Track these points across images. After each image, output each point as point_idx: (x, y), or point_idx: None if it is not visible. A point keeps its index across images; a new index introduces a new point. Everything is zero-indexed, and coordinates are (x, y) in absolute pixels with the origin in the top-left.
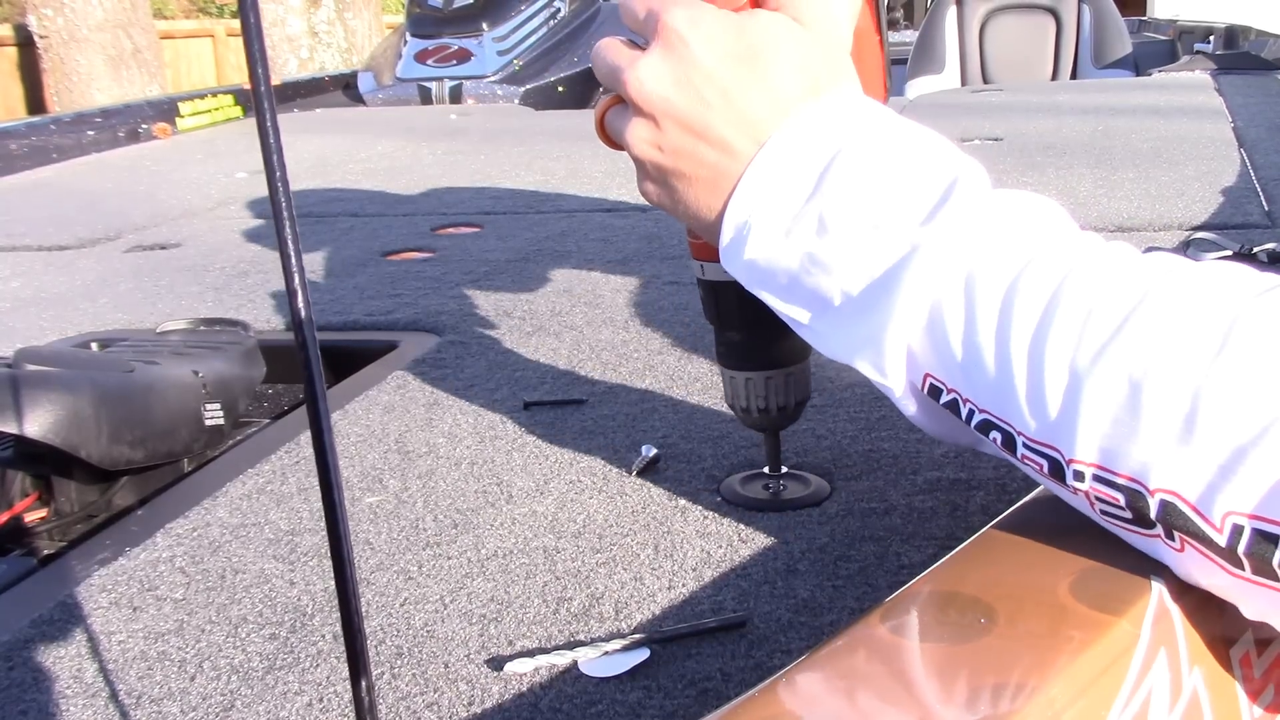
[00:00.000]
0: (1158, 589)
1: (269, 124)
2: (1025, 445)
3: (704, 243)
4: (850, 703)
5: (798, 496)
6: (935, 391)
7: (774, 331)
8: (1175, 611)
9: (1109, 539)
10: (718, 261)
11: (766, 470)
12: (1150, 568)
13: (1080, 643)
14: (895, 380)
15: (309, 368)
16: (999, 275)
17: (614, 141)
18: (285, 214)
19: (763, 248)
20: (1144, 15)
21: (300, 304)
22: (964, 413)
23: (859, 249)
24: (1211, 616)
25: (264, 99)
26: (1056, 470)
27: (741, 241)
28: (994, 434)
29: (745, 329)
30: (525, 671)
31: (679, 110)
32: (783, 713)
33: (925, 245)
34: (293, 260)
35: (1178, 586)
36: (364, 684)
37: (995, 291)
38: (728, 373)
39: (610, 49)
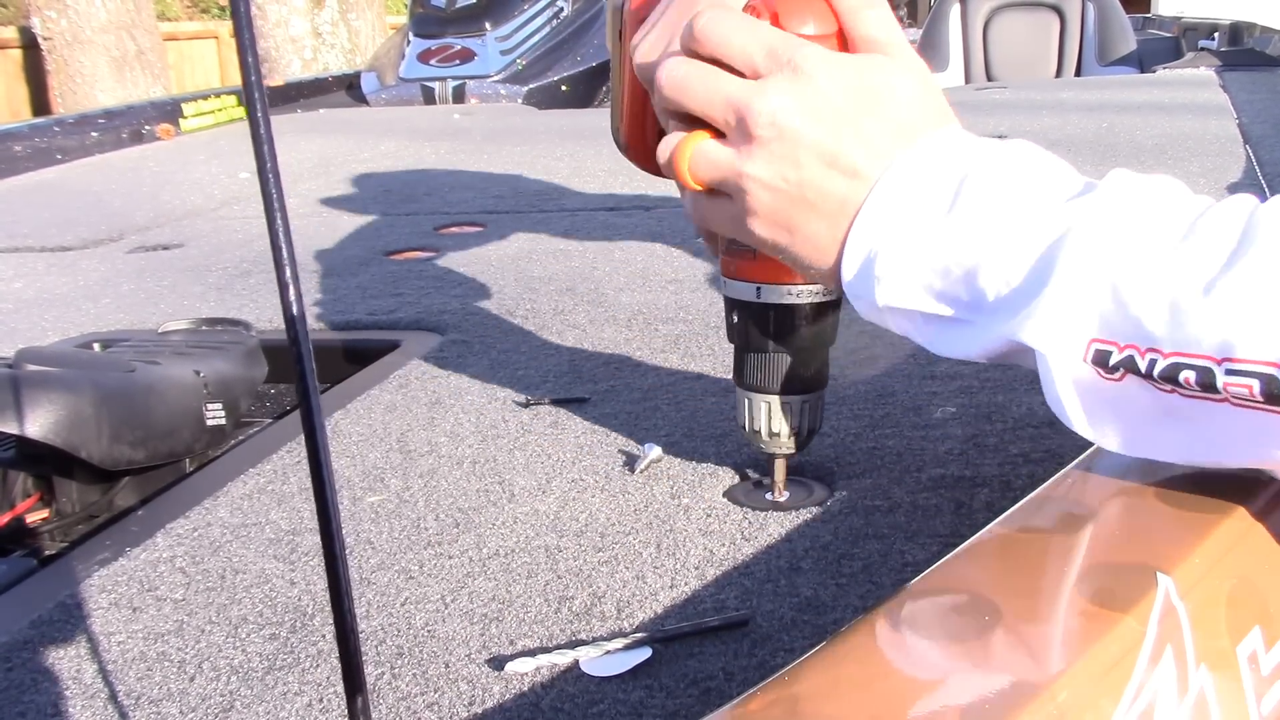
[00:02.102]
0: (1164, 586)
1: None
2: (1228, 371)
3: (759, 263)
4: (854, 701)
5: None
6: (1102, 356)
7: (812, 355)
8: (1182, 609)
9: (1115, 536)
10: (777, 283)
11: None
12: (1157, 564)
13: (1086, 640)
14: (1058, 351)
15: (301, 364)
16: (1161, 231)
17: (684, 176)
18: (276, 210)
19: (900, 263)
20: (1148, 12)
21: (291, 298)
22: (1144, 365)
23: (1009, 246)
24: (1219, 614)
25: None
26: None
27: (872, 262)
28: (1185, 374)
29: (795, 352)
30: (527, 671)
31: (812, 139)
32: (786, 712)
33: (1078, 222)
34: (284, 253)
35: (1185, 583)
36: (359, 700)
37: (1163, 240)
38: (756, 396)
39: (710, 78)
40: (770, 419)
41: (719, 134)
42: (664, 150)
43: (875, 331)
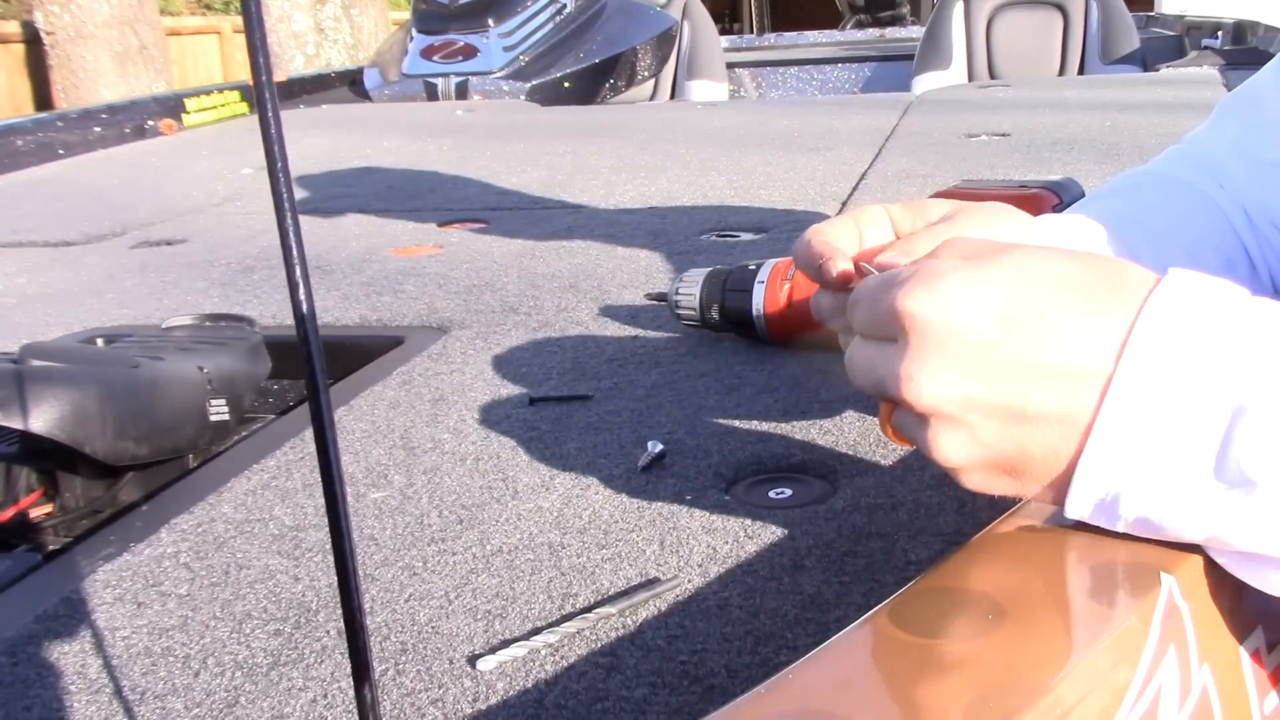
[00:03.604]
0: (1168, 585)
1: (270, 113)
2: None
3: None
4: (857, 700)
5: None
6: None
7: None
8: (1185, 608)
9: (1117, 535)
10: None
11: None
12: (1160, 564)
13: (1089, 639)
14: None
15: (310, 361)
16: None
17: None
18: (286, 207)
19: (1153, 506)
20: (1151, 11)
21: (301, 297)
22: None
23: None
24: (1222, 613)
25: (265, 89)
26: None
27: (1115, 504)
28: None
29: None
30: (505, 660)
31: (982, 401)
32: (789, 709)
33: None
34: (294, 253)
35: (1188, 582)
36: (367, 691)
37: None
38: None
39: (863, 354)
40: None
41: None
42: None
43: None
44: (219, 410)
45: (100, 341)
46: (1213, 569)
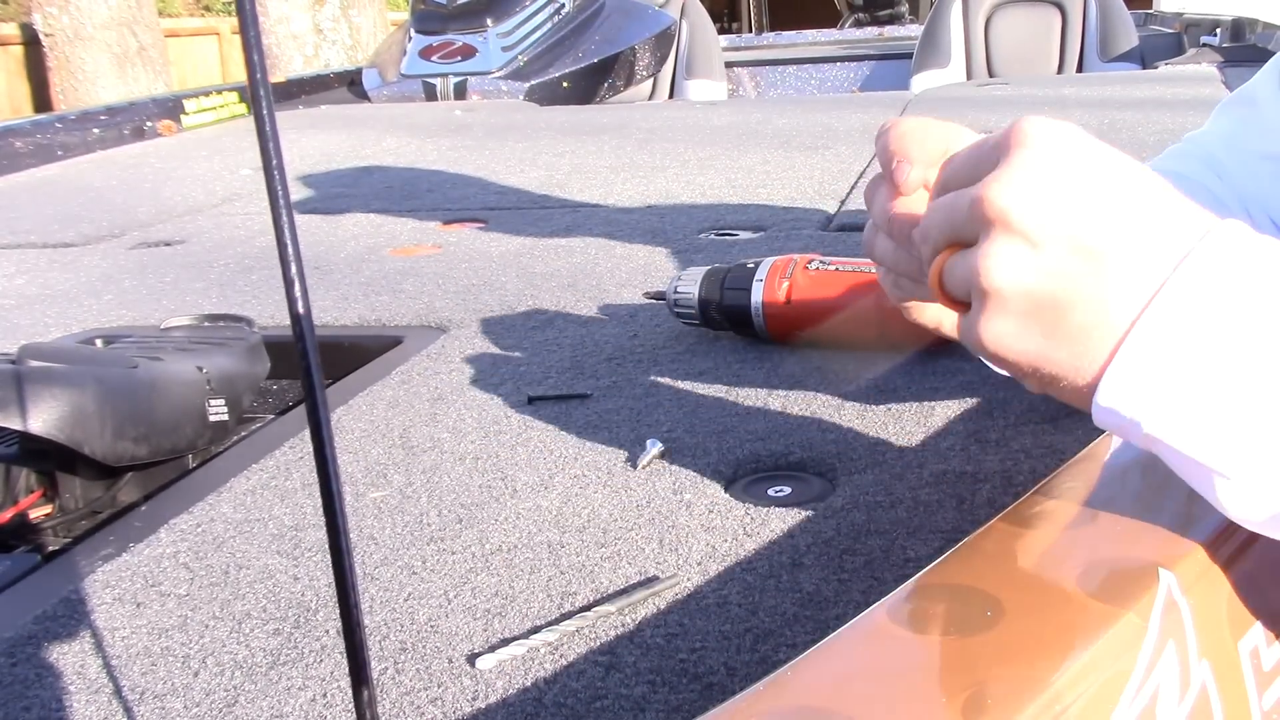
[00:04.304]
0: (1166, 581)
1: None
2: None
3: None
4: (856, 697)
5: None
6: None
7: None
8: (1184, 604)
9: (1117, 531)
10: None
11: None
12: (1159, 560)
13: (1088, 635)
14: None
15: (306, 360)
16: None
17: (953, 299)
18: (282, 206)
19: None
20: (1150, 8)
21: (297, 296)
22: None
23: None
24: (1221, 610)
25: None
26: None
27: (1145, 402)
28: None
29: None
30: (504, 659)
31: (1058, 220)
32: (788, 707)
33: None
34: (290, 252)
35: (1187, 579)
36: (365, 690)
37: None
38: None
39: (941, 200)
40: None
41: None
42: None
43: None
44: (218, 410)
45: (99, 342)
46: (1211, 566)
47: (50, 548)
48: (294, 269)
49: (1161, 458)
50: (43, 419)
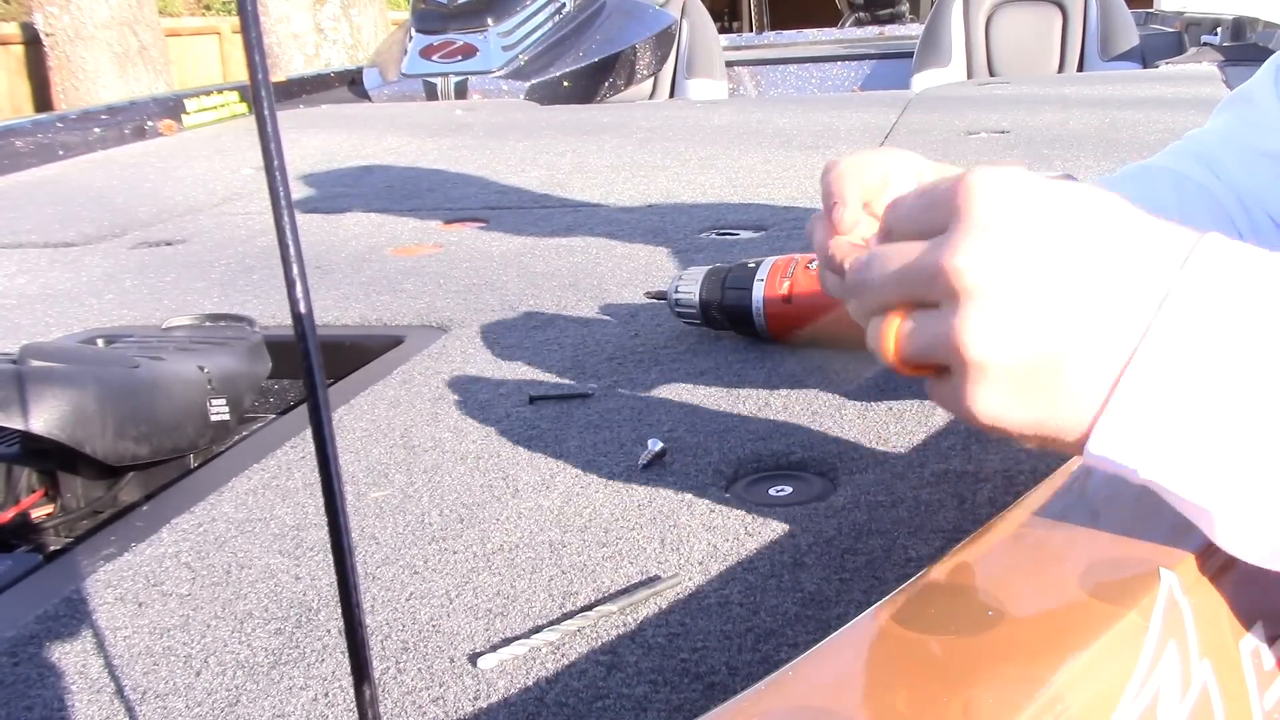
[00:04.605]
0: (1168, 581)
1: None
2: None
3: None
4: (857, 697)
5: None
6: None
7: None
8: (1185, 604)
9: (1118, 531)
10: None
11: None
12: (1160, 560)
13: (1089, 635)
14: None
15: (307, 359)
16: None
17: (918, 365)
18: (283, 206)
19: (1179, 455)
20: (1151, 7)
21: (299, 295)
22: None
23: None
24: (1222, 609)
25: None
26: None
27: (1142, 442)
28: None
29: None
30: (506, 659)
31: (1030, 275)
32: (790, 706)
33: None
34: (291, 251)
35: (1188, 579)
36: (366, 690)
37: None
38: None
39: (889, 250)
40: None
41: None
42: (872, 338)
43: None
44: (219, 410)
45: (100, 342)
46: (1212, 566)
47: (52, 547)
48: (295, 268)
49: (1162, 496)
50: (44, 419)
